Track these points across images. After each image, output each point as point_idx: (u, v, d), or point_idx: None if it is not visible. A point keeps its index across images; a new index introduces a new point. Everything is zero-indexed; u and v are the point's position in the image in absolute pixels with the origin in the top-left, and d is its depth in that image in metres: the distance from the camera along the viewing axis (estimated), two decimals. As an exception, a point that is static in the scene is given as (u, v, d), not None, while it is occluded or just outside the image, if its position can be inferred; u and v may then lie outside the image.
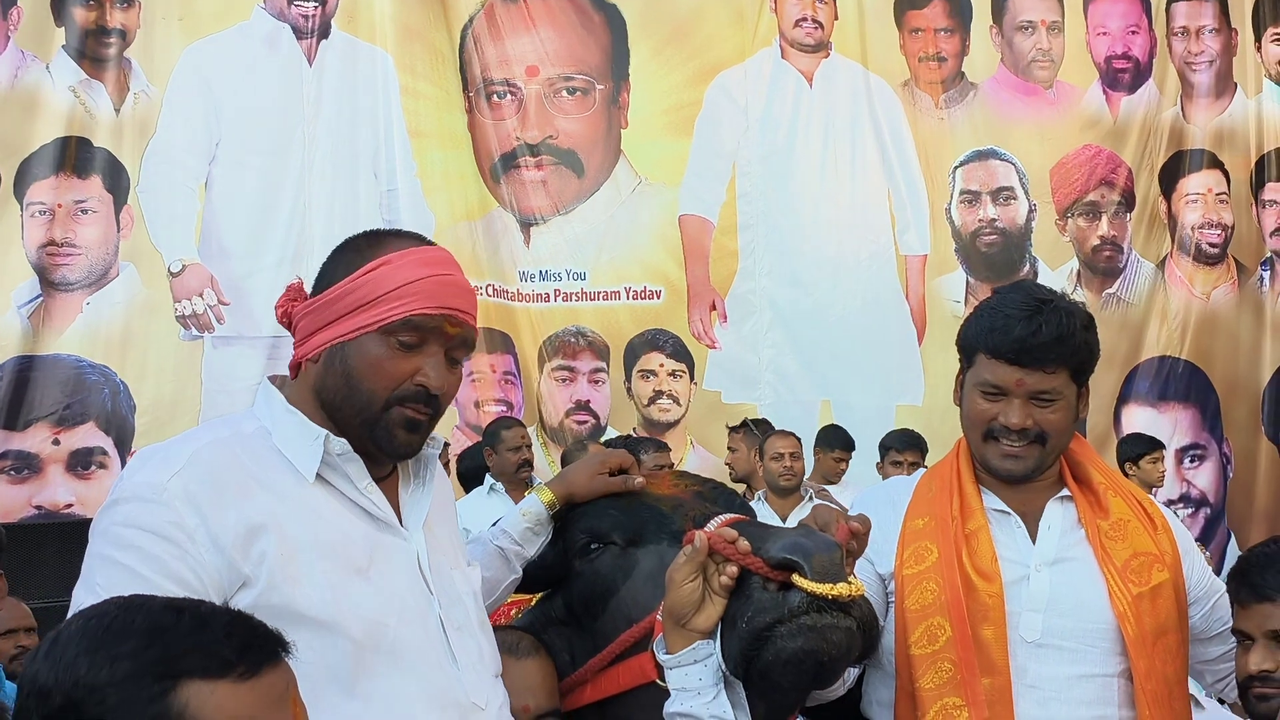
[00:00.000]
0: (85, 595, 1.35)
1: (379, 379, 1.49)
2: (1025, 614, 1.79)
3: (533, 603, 1.97)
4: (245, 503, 1.41)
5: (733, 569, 1.45)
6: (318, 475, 1.48)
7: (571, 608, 1.82)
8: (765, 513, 4.73)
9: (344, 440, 1.48)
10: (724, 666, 1.47)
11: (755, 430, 5.56)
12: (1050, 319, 1.78)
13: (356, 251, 1.53)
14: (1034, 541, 1.85)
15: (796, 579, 1.42)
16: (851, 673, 1.82)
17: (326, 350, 1.50)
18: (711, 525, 1.56)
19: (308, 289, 1.56)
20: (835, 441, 5.68)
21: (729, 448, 5.66)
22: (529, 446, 5.18)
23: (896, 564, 1.85)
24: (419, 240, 1.58)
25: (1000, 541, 1.83)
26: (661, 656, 1.49)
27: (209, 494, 1.40)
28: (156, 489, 1.39)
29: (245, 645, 1.02)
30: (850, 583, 1.42)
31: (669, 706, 1.47)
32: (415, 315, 1.48)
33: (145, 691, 0.97)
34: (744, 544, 1.45)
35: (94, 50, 6.50)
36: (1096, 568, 1.81)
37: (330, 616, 1.41)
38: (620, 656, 1.70)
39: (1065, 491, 1.88)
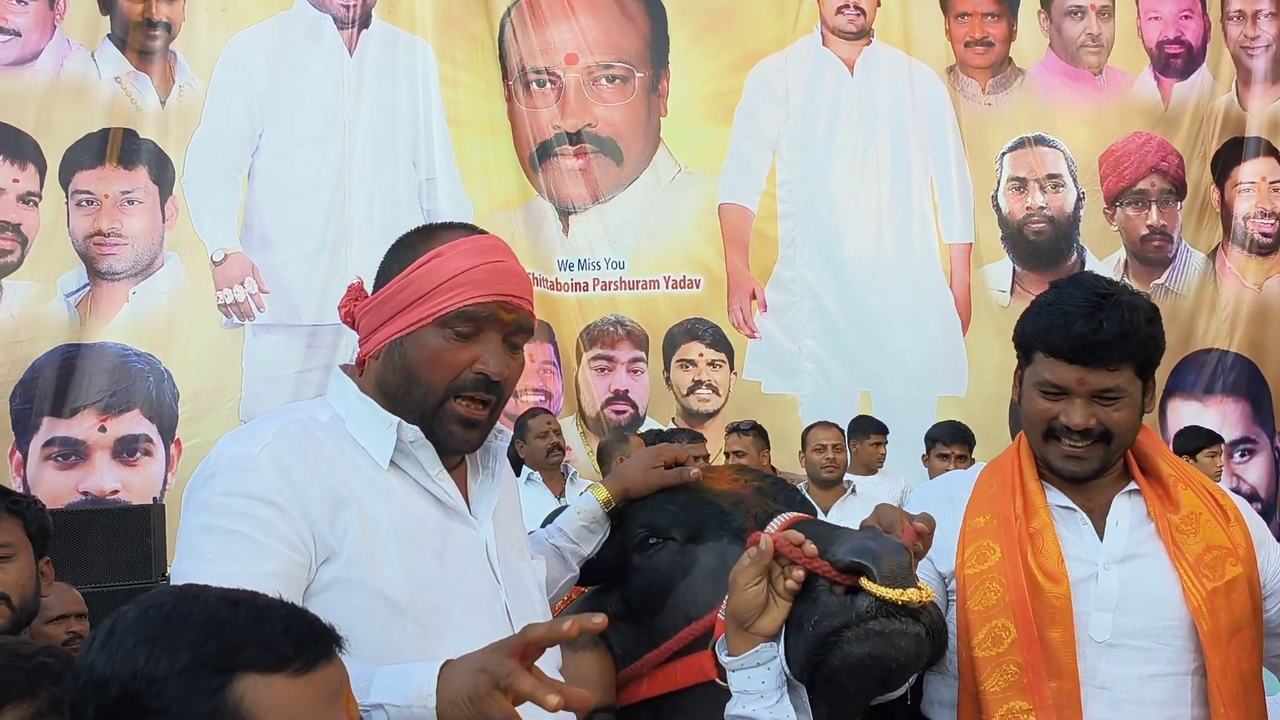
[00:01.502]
0: (195, 565, 1.38)
1: (437, 370, 1.50)
2: (1094, 613, 1.74)
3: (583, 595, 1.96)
4: (329, 477, 1.45)
5: (799, 573, 1.42)
6: (391, 462, 1.50)
7: (628, 602, 1.79)
8: (806, 505, 4.67)
9: (416, 428, 1.50)
10: (787, 670, 1.44)
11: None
12: (1112, 314, 1.72)
13: (410, 247, 1.54)
14: (1101, 538, 1.79)
15: (864, 583, 1.39)
16: (913, 674, 1.79)
17: (386, 346, 1.52)
18: (774, 524, 1.52)
19: (369, 286, 1.57)
20: (868, 428, 5.61)
21: (734, 451, 5.22)
22: (557, 432, 5.17)
23: (957, 563, 1.81)
24: (470, 230, 1.58)
25: (1066, 539, 1.78)
26: (724, 658, 1.47)
27: (296, 465, 1.43)
28: (249, 459, 1.43)
29: (302, 640, 1.01)
30: (920, 588, 1.39)
31: (730, 708, 1.45)
32: (468, 305, 1.48)
33: (204, 684, 0.96)
34: (810, 547, 1.42)
35: (140, 43, 6.56)
36: (1168, 563, 1.75)
37: (404, 598, 1.44)
38: (678, 653, 1.68)
39: (1133, 485, 1.82)
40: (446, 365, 1.50)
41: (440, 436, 1.52)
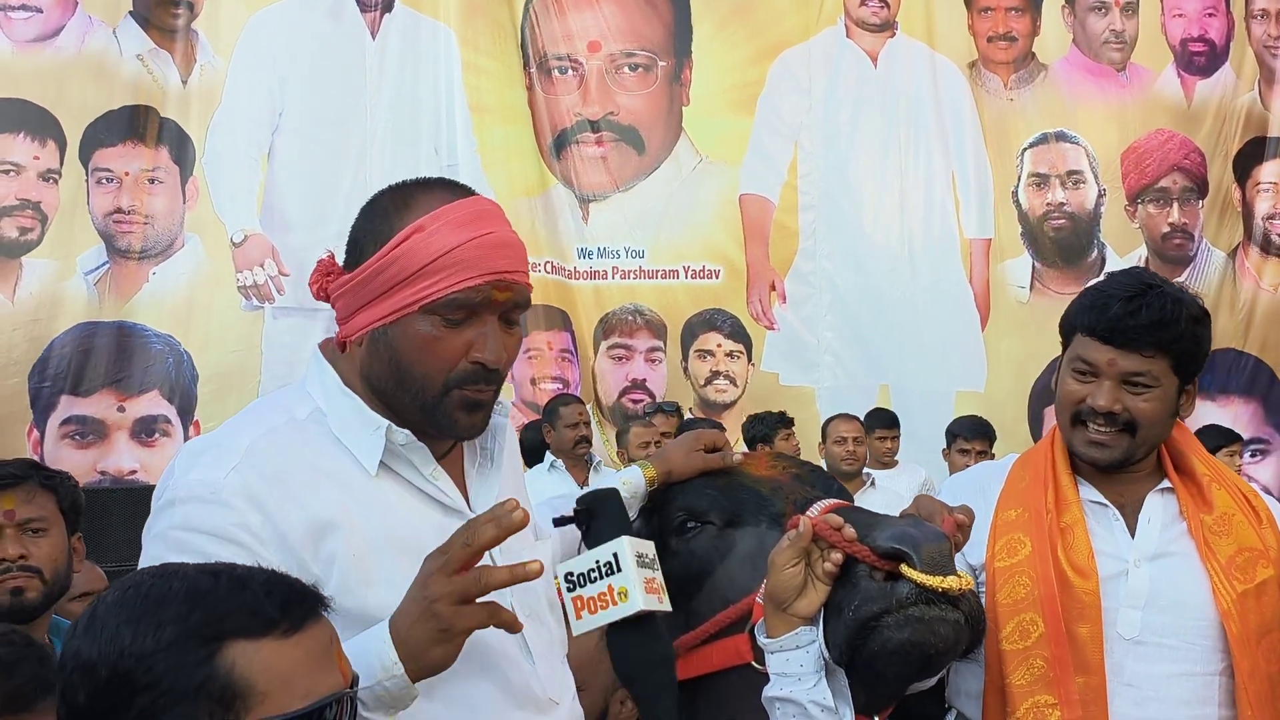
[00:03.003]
0: None
1: (431, 362, 1.36)
2: (1123, 610, 1.75)
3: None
4: (310, 497, 1.32)
5: (837, 556, 1.43)
6: (381, 463, 1.38)
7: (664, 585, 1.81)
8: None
9: (407, 431, 1.37)
10: (826, 654, 1.46)
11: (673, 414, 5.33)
12: (1152, 302, 1.74)
13: (384, 216, 1.38)
14: (1132, 535, 1.80)
15: (905, 569, 1.40)
16: (945, 663, 1.81)
17: (369, 335, 1.38)
18: (814, 510, 1.53)
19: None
20: (874, 422, 5.58)
21: (652, 442, 5.08)
22: (587, 424, 5.14)
23: (988, 556, 1.82)
24: (451, 192, 1.40)
25: (1097, 535, 1.79)
26: (763, 640, 1.48)
27: (270, 490, 1.30)
28: (213, 488, 1.29)
29: (286, 602, 1.02)
30: (960, 575, 1.40)
31: (769, 691, 1.46)
32: (458, 292, 1.33)
33: (192, 655, 0.96)
34: (850, 531, 1.43)
35: (162, 20, 6.55)
36: (1199, 563, 1.76)
37: None
38: (714, 636, 1.69)
39: (1166, 483, 1.83)
40: (439, 356, 1.35)
41: (444, 426, 1.39)
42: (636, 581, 1.22)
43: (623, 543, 1.24)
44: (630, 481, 1.80)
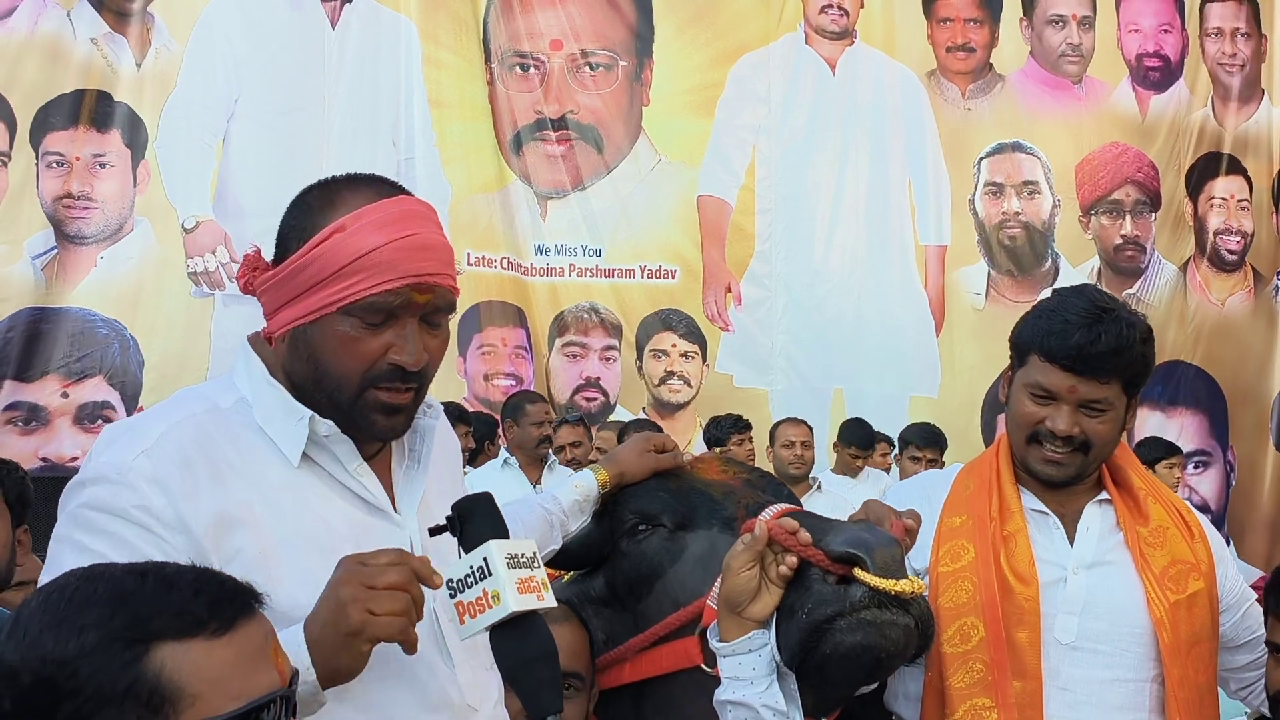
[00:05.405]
0: None
1: (348, 361, 1.35)
2: (1061, 616, 1.78)
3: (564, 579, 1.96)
4: (219, 490, 1.31)
5: (792, 559, 1.44)
6: (303, 455, 1.37)
7: (614, 587, 1.82)
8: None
9: (330, 422, 1.37)
10: (778, 657, 1.47)
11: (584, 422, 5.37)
12: (1110, 329, 1.75)
13: (308, 212, 1.38)
14: (1072, 543, 1.83)
15: (858, 573, 1.42)
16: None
17: (290, 333, 1.37)
18: (766, 514, 1.54)
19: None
20: (850, 438, 5.61)
21: (569, 443, 5.17)
22: (551, 423, 5.11)
23: (931, 560, 1.84)
24: (378, 191, 1.39)
25: (1038, 543, 1.82)
26: (715, 644, 1.49)
27: (178, 476, 1.30)
28: (121, 469, 1.29)
29: (215, 601, 0.99)
30: (911, 580, 1.43)
31: (720, 694, 1.47)
32: (376, 294, 1.33)
33: (117, 659, 0.94)
34: (805, 535, 1.45)
35: (118, 4, 6.46)
36: (1134, 573, 1.80)
37: None
38: (664, 639, 1.70)
39: (1104, 495, 1.87)
40: (357, 356, 1.35)
41: (362, 427, 1.38)
42: (508, 584, 1.23)
43: (490, 546, 1.25)
44: (583, 484, 1.80)
